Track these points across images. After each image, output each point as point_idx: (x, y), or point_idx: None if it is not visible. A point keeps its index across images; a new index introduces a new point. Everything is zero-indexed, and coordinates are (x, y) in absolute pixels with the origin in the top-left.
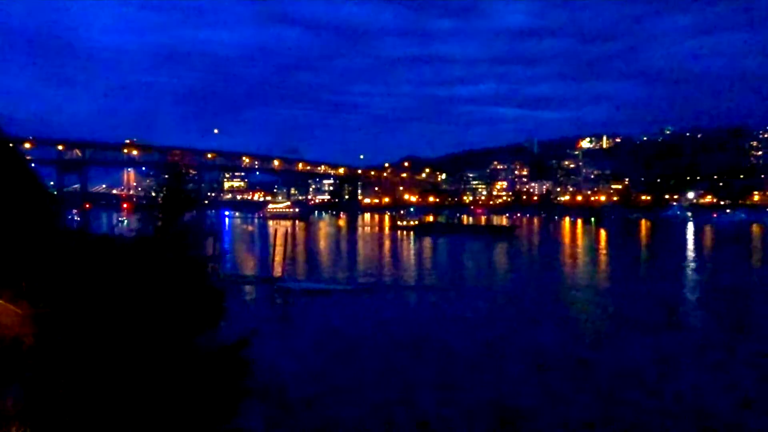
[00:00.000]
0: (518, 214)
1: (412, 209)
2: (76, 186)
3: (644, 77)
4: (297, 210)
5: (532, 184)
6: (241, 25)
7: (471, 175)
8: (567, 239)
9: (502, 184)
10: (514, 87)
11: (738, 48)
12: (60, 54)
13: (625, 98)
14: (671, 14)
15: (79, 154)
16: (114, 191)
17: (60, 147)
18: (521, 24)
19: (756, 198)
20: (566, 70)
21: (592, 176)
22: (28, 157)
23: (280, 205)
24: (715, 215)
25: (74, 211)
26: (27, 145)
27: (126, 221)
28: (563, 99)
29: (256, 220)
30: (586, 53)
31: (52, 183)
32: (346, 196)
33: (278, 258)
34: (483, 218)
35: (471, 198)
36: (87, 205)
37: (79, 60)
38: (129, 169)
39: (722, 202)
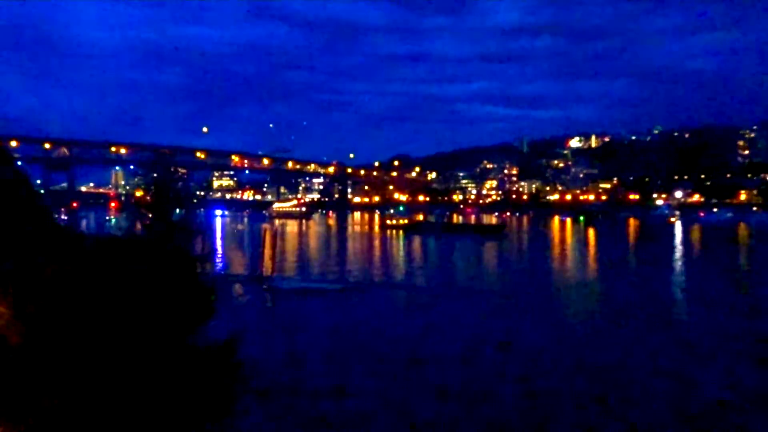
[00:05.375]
0: (507, 214)
1: (401, 208)
2: (63, 184)
3: (636, 76)
4: (303, 209)
5: (522, 184)
6: (230, 22)
7: (461, 174)
8: (555, 238)
9: (491, 183)
10: (505, 85)
11: (729, 47)
12: (47, 50)
13: (616, 97)
14: (664, 13)
15: (67, 152)
16: (102, 190)
17: (47, 145)
18: (513, 22)
19: (743, 197)
20: (558, 69)
21: (581, 175)
22: (15, 155)
23: (287, 204)
24: (702, 214)
25: (61, 209)
26: (13, 143)
27: (114, 220)
28: (554, 98)
29: (245, 219)
30: (578, 51)
31: (39, 181)
32: (336, 195)
33: (268, 257)
34: (473, 217)
35: (461, 197)
36: (74, 204)
37: (66, 56)
38: (117, 168)
39: (710, 201)
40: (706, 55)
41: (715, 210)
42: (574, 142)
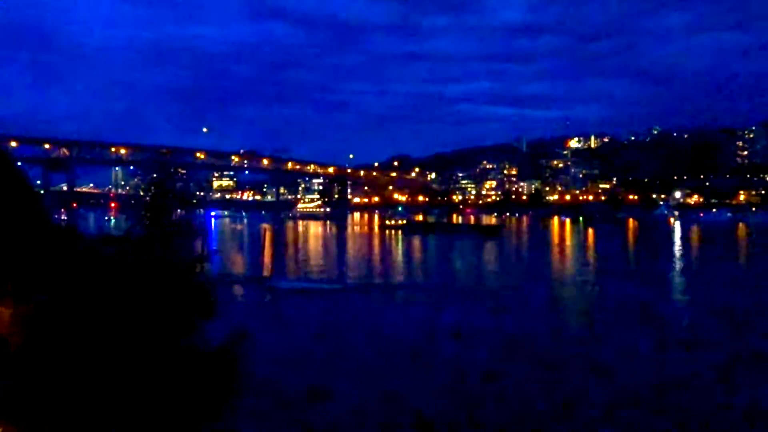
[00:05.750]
0: (507, 214)
1: (399, 208)
2: (63, 185)
3: (639, 76)
4: (328, 210)
5: (521, 184)
6: (230, 21)
7: (460, 175)
8: (552, 239)
9: (491, 184)
10: (507, 85)
11: (735, 46)
12: (45, 49)
13: (619, 97)
14: (670, 11)
15: (67, 152)
16: (102, 190)
17: (47, 145)
18: (517, 20)
19: (742, 197)
20: (561, 68)
21: (581, 176)
22: (15, 156)
23: (311, 205)
24: (701, 215)
25: (61, 210)
26: (13, 144)
27: (113, 220)
28: (557, 97)
29: (242, 220)
30: (582, 51)
31: (38, 182)
32: (336, 196)
33: (268, 258)
34: (472, 218)
35: (460, 197)
36: (74, 204)
37: (66, 56)
38: (117, 168)
39: (709, 202)
40: (711, 54)
41: (714, 210)
42: (574, 143)
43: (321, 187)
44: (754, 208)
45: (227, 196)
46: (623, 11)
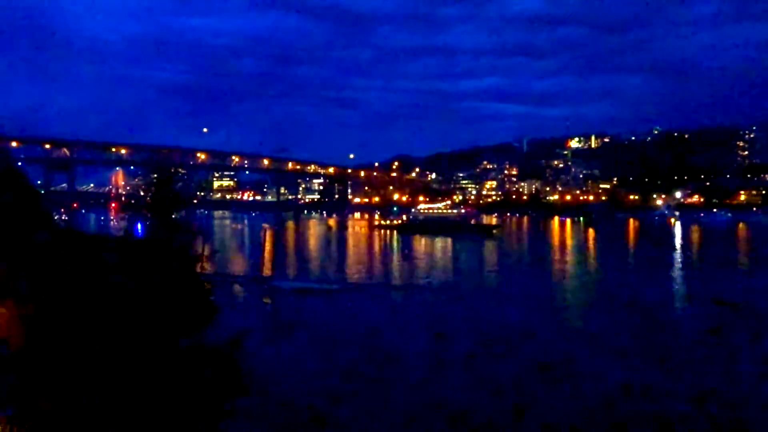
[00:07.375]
0: (507, 214)
1: (395, 208)
2: (63, 185)
3: (654, 72)
4: (460, 211)
5: (522, 184)
6: (235, 12)
7: (461, 175)
8: (549, 239)
9: (491, 184)
10: (517, 82)
11: (759, 39)
12: (43, 46)
13: (631, 94)
14: (696, 2)
15: (67, 153)
16: (102, 190)
17: (47, 146)
18: (536, 11)
19: (742, 198)
20: (575, 63)
21: (581, 176)
22: (15, 156)
23: (437, 206)
24: (702, 215)
25: (62, 210)
26: (14, 144)
27: (114, 221)
28: (566, 95)
29: (243, 220)
30: (599, 45)
31: (39, 182)
32: (336, 196)
33: (268, 257)
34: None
35: (461, 197)
36: (75, 205)
37: (66, 54)
38: (117, 168)
39: (710, 202)
40: (733, 48)
41: (714, 211)
42: (574, 143)
43: (321, 187)
44: (754, 208)
45: (227, 196)
46: (647, 2)
